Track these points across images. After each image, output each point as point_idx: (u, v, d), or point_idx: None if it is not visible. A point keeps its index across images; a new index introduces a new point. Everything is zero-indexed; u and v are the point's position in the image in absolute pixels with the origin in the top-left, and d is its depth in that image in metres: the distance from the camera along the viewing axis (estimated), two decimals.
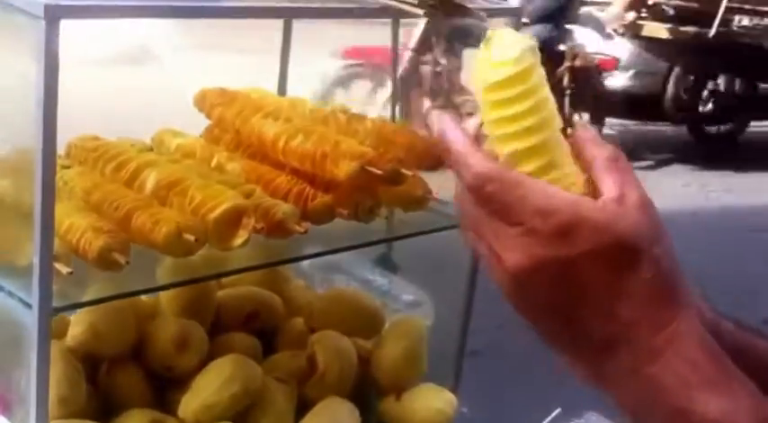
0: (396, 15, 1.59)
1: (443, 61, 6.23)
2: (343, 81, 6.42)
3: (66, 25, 1.17)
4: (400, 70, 5.92)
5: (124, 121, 2.20)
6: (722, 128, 8.34)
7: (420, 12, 1.59)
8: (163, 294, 1.83)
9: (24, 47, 1.26)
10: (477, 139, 0.69)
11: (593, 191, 0.67)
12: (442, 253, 2.35)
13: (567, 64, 5.86)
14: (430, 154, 1.97)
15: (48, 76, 1.21)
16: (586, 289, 0.63)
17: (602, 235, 0.62)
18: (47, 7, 1.16)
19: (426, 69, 6.31)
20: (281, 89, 2.18)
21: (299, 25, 1.98)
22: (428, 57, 6.28)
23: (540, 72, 0.68)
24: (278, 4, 1.60)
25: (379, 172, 1.74)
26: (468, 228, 0.68)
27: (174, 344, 1.73)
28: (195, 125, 1.96)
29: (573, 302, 0.64)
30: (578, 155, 0.68)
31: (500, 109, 0.67)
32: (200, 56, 5.90)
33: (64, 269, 1.36)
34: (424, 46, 6.23)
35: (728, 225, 5.68)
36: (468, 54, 6.08)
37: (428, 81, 6.26)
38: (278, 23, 2.04)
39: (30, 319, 1.32)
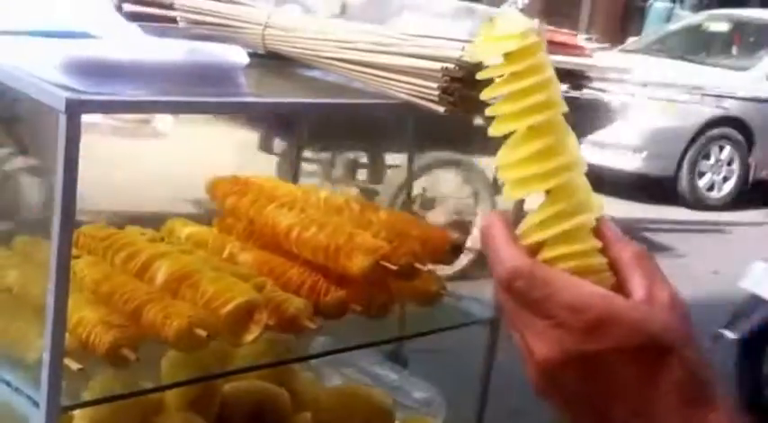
0: (415, 112, 1.58)
1: None
2: None
3: None
4: None
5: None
6: None
7: (440, 109, 1.58)
8: None
9: (44, 139, 1.25)
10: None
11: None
12: (455, 348, 2.32)
13: None
14: (445, 247, 1.95)
15: (67, 168, 1.19)
16: (616, 386, 0.63)
17: (634, 333, 0.62)
18: (68, 101, 1.15)
19: None
20: (295, 178, 2.18)
21: None
22: None
23: (545, 52, 0.67)
24: (297, 100, 1.59)
25: (394, 267, 1.71)
26: (504, 318, 0.69)
27: None
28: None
29: (602, 398, 0.64)
30: (604, 252, 0.68)
31: (507, 84, 0.66)
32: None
33: (74, 365, 1.32)
34: None
35: None
36: None
37: None
38: None
39: (37, 418, 1.28)
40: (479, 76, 0.68)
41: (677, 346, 0.63)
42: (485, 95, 0.68)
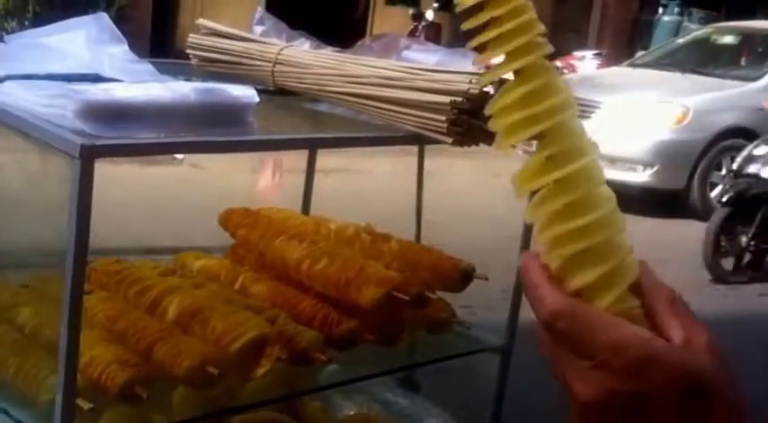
0: (424, 142, 1.59)
1: None
2: None
3: None
4: None
5: None
6: None
7: (448, 140, 1.59)
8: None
9: (59, 180, 1.26)
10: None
11: None
12: (468, 373, 2.32)
13: None
14: (455, 275, 1.95)
15: (80, 212, 1.20)
16: None
17: (675, 374, 0.62)
18: (83, 147, 1.16)
19: None
20: (305, 209, 2.19)
21: None
22: None
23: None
24: (307, 135, 1.60)
25: (405, 297, 1.72)
26: (546, 358, 0.68)
27: None
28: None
29: None
30: (640, 296, 0.67)
31: (489, 31, 0.65)
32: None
33: (85, 405, 1.33)
34: None
35: None
36: None
37: None
38: None
39: None
40: (464, 27, 0.67)
41: (718, 389, 0.63)
42: (469, 46, 0.67)
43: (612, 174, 7.54)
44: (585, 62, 12.07)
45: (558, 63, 11.79)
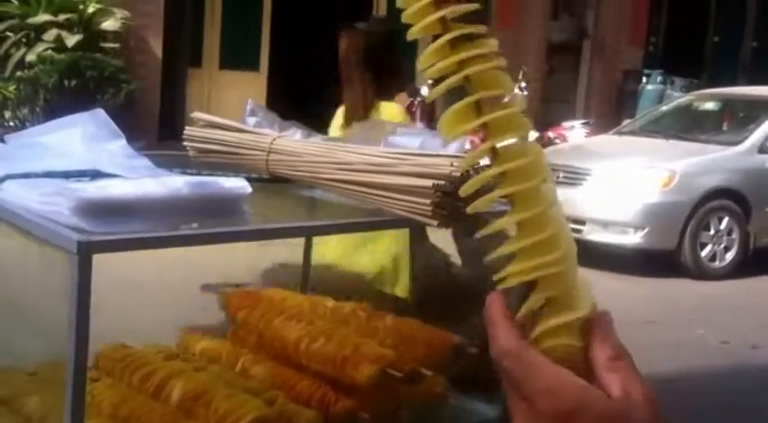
0: (411, 225, 1.65)
1: None
2: None
3: None
4: None
5: None
6: None
7: (434, 222, 1.65)
8: None
9: (59, 274, 1.31)
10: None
11: None
12: None
13: None
14: (447, 350, 2.00)
15: (79, 305, 1.24)
16: None
17: None
18: (80, 244, 1.21)
19: None
20: (304, 288, 2.25)
21: None
22: None
23: None
24: (301, 224, 1.67)
25: (400, 375, 1.77)
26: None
27: None
28: None
29: None
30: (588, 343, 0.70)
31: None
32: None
33: None
34: None
35: None
36: None
37: None
38: None
39: None
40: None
41: None
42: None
43: (605, 237, 7.68)
44: (575, 131, 12.28)
45: (550, 133, 11.99)
